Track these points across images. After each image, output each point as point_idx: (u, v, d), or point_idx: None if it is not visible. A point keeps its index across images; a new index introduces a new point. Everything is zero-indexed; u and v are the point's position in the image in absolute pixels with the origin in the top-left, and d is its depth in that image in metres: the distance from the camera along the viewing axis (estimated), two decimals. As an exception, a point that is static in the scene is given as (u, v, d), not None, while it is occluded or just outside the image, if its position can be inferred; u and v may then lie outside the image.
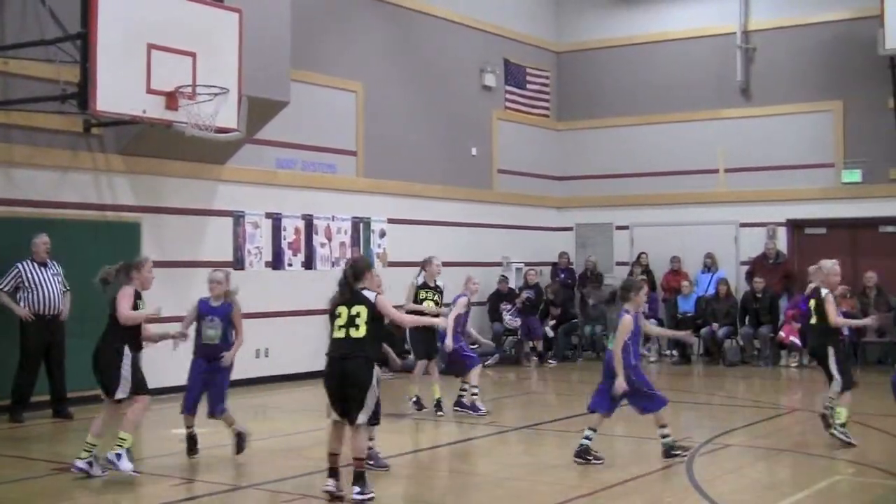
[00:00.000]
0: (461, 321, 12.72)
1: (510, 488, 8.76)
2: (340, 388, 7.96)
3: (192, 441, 9.69)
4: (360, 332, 7.95)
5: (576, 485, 8.67)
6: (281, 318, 15.58)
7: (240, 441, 9.65)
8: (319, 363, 9.42)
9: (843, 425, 10.33)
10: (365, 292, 8.07)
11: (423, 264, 12.86)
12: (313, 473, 8.82)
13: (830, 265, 10.53)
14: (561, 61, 22.11)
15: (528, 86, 21.35)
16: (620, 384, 9.36)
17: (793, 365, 18.06)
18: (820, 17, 19.50)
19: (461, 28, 19.66)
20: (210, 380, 9.64)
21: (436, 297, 12.67)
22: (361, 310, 7.97)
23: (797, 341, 17.93)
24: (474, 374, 12.47)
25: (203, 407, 9.67)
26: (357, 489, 7.86)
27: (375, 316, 8.03)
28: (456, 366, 12.65)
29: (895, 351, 16.81)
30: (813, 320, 10.55)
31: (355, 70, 17.35)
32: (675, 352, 19.21)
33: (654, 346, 19.50)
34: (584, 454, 9.45)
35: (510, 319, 18.98)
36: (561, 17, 22.20)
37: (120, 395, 8.87)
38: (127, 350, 8.90)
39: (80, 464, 8.84)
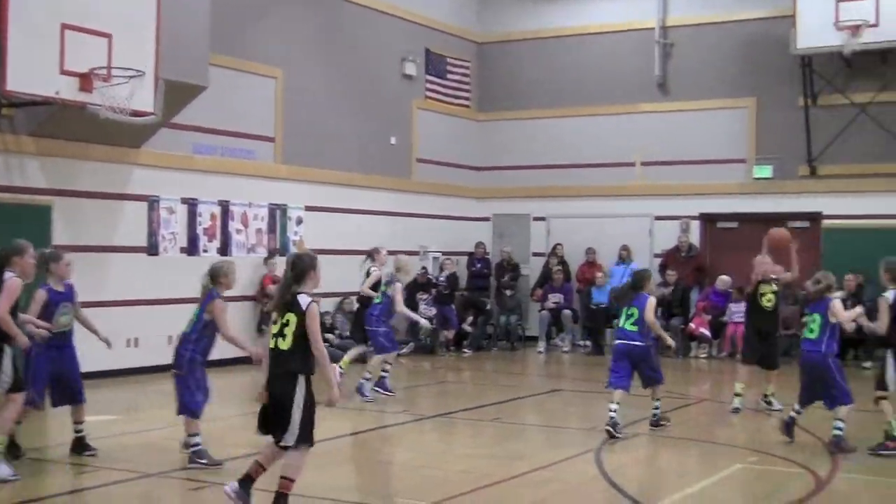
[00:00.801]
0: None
1: (424, 476, 8.82)
2: (270, 405, 7.05)
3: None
4: (286, 343, 6.99)
5: (488, 473, 8.76)
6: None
7: (80, 443, 9.23)
8: (232, 350, 9.41)
9: (737, 395, 11.89)
10: (301, 297, 7.03)
11: (372, 253, 13.63)
12: (227, 460, 8.79)
13: (759, 258, 12.38)
14: (482, 52, 22.21)
15: (449, 76, 21.39)
16: (671, 343, 11.19)
17: (702, 356, 18.48)
18: (736, 16, 19.87)
19: (383, 16, 19.61)
20: (64, 367, 9.10)
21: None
22: (291, 318, 7.01)
23: (707, 333, 18.39)
24: (376, 360, 12.93)
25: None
26: None
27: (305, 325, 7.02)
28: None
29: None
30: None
31: (275, 56, 17.22)
32: (588, 342, 19.53)
33: (567, 336, 19.77)
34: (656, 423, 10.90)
35: (425, 308, 19.04)
36: (483, 8, 22.26)
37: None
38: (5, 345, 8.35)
39: None
